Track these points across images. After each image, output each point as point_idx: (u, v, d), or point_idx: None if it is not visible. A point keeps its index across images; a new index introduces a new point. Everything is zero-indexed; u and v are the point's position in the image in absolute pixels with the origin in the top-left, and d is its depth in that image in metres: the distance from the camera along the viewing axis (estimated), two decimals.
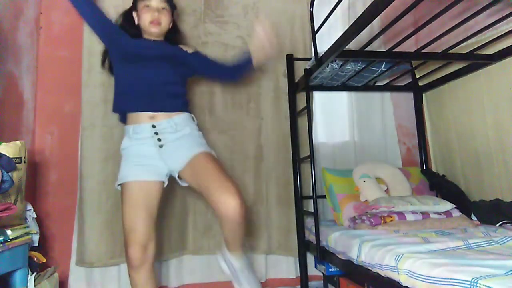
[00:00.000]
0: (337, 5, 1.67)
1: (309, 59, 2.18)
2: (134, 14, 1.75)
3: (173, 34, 1.84)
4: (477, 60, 1.99)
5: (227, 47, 2.35)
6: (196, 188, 1.58)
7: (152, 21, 1.67)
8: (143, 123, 1.61)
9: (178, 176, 1.62)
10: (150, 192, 1.59)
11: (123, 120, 1.72)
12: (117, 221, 2.04)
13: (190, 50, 1.80)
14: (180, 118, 1.64)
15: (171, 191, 2.08)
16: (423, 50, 1.90)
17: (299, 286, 2.14)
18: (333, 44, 1.73)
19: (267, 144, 2.34)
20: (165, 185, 1.66)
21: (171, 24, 1.79)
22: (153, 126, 1.60)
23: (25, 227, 1.49)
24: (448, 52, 1.91)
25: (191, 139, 1.64)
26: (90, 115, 2.12)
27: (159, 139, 1.60)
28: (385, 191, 2.13)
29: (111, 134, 2.13)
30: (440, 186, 2.27)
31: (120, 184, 1.62)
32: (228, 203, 1.42)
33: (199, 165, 1.55)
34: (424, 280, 1.13)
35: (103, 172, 2.09)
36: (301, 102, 2.32)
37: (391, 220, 1.82)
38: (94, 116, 2.12)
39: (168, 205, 2.14)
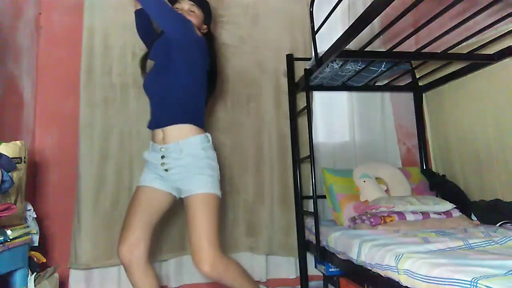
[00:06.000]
0: (337, 5, 1.67)
1: (309, 59, 2.18)
2: None
3: (208, 43, 1.73)
4: (477, 60, 1.99)
5: (227, 47, 2.35)
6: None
7: None
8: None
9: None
10: (155, 198, 1.63)
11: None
12: (115, 222, 2.04)
13: None
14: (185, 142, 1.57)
15: None
16: (423, 50, 1.90)
17: (299, 286, 2.14)
18: (333, 44, 1.73)
19: (267, 144, 2.34)
20: (177, 198, 1.66)
21: (206, 30, 1.77)
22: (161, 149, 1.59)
23: (25, 227, 1.49)
24: (448, 52, 1.91)
25: (195, 169, 1.55)
26: (90, 115, 2.12)
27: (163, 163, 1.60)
28: (385, 191, 2.13)
29: (110, 134, 2.13)
30: (440, 186, 2.27)
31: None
32: (200, 269, 1.45)
33: (192, 209, 1.50)
34: (424, 280, 1.13)
35: (101, 172, 2.09)
36: (301, 102, 2.32)
37: (391, 220, 1.82)
38: (93, 116, 2.13)
39: None
